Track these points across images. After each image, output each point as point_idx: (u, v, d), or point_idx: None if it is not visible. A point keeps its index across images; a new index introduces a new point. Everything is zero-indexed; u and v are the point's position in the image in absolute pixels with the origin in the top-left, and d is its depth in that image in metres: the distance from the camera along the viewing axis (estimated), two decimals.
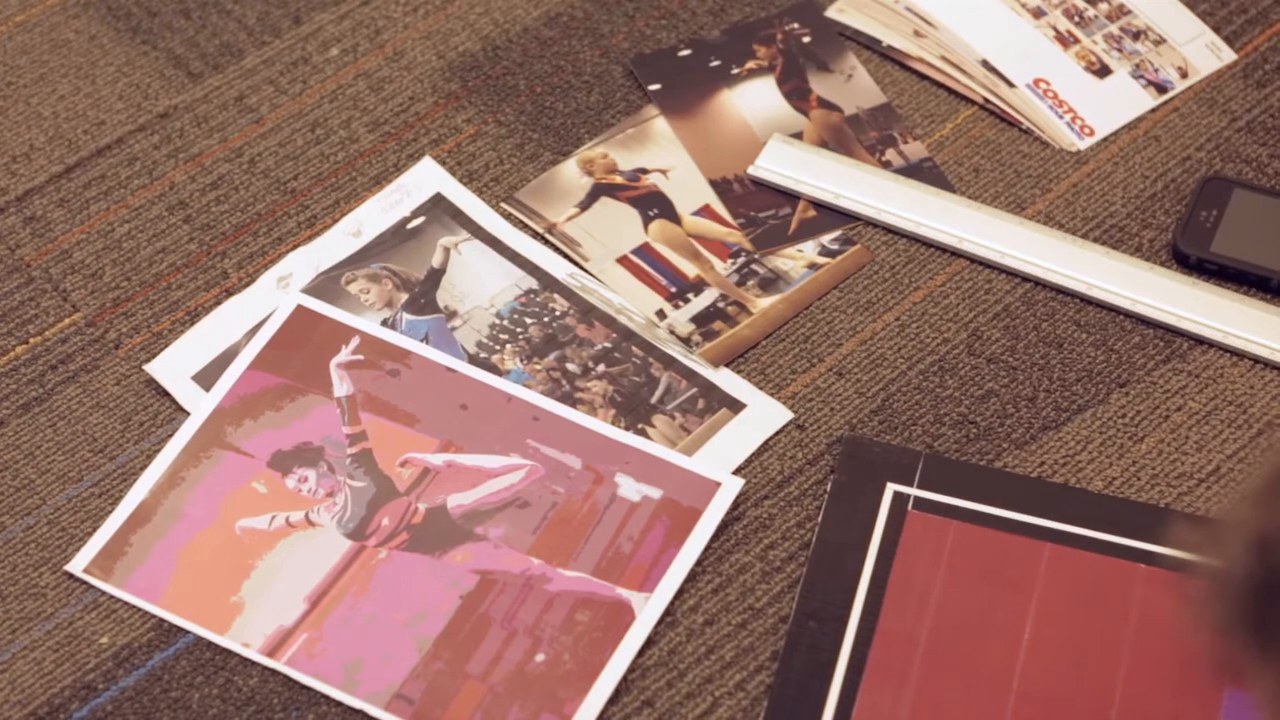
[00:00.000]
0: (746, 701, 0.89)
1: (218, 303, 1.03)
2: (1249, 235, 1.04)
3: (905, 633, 0.91)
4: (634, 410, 1.00)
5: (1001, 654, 0.90)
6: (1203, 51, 1.13)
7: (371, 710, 0.88)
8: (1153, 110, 1.11)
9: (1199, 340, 1.01)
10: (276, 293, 1.03)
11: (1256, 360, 1.00)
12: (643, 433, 0.99)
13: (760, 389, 1.00)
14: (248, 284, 1.04)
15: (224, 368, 1.00)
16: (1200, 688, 0.88)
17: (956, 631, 0.91)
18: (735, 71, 1.13)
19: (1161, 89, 1.12)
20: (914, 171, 1.09)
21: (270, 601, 0.92)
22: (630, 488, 0.96)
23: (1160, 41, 1.14)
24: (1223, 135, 1.09)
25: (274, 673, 0.89)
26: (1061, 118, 1.11)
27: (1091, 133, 1.10)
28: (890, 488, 0.96)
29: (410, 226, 1.07)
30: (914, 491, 0.96)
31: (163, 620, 0.91)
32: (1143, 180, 1.07)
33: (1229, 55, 1.13)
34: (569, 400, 1.00)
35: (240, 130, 1.10)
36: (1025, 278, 1.04)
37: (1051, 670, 0.89)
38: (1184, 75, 1.12)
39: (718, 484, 0.96)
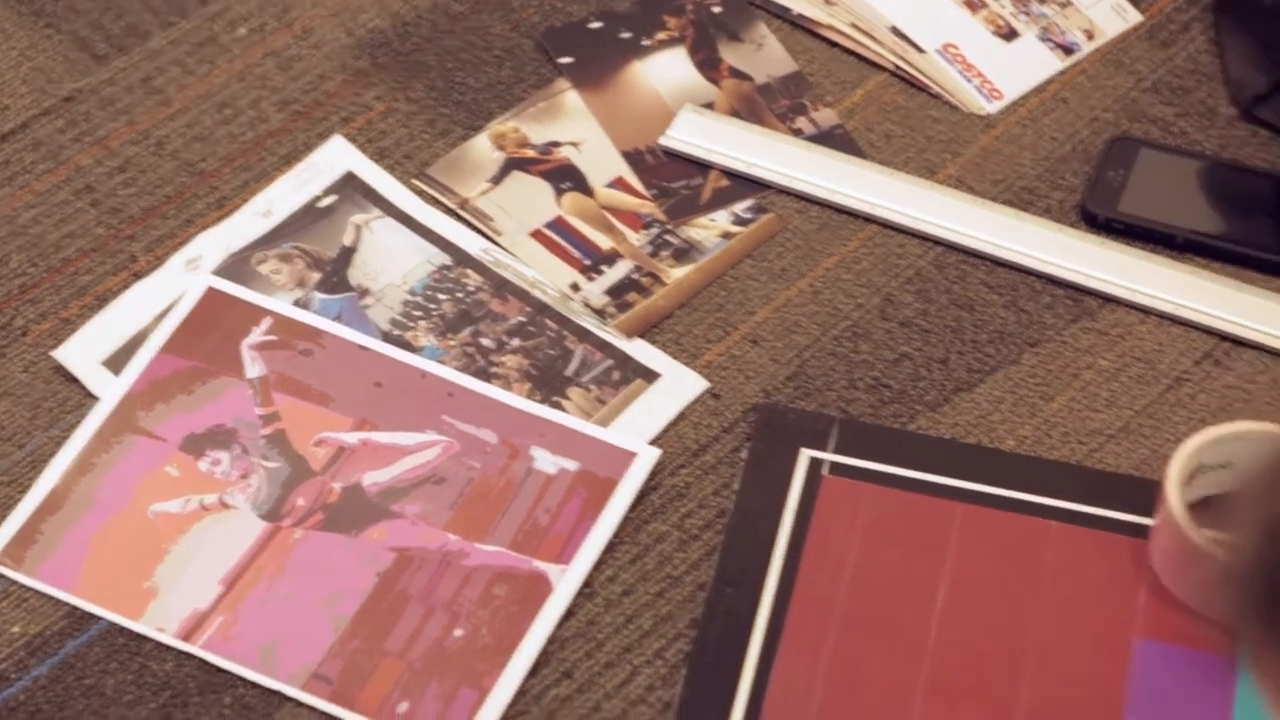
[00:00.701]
0: (665, 669, 0.90)
1: (126, 287, 1.02)
2: (1155, 194, 1.05)
3: (821, 597, 0.91)
4: (549, 383, 1.00)
5: (917, 615, 0.90)
6: (1108, 13, 1.14)
7: (289, 691, 0.88)
8: (1060, 73, 1.11)
9: (1108, 299, 1.02)
10: (186, 275, 1.03)
11: (1164, 317, 1.01)
12: (558, 405, 0.99)
13: (675, 359, 1.00)
14: (157, 267, 1.03)
15: (134, 352, 0.99)
16: (1111, 639, 0.89)
17: (872, 594, 0.91)
18: (646, 43, 1.13)
19: (1068, 51, 1.12)
20: (825, 139, 1.09)
21: (185, 585, 0.91)
22: (546, 460, 0.96)
23: (1066, 4, 1.15)
24: (1129, 96, 1.10)
25: (189, 656, 0.89)
26: (970, 82, 1.11)
27: (1000, 96, 1.10)
28: (805, 454, 0.96)
29: (321, 205, 1.06)
30: (829, 456, 0.96)
31: (76, 608, 0.90)
32: (1051, 142, 1.08)
33: (1134, 16, 1.14)
34: (484, 375, 1.00)
35: (147, 112, 1.09)
36: (937, 242, 1.04)
37: (966, 629, 0.90)
38: (1090, 37, 1.13)
39: (634, 454, 0.96)
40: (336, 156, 1.08)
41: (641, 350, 1.01)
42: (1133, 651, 0.88)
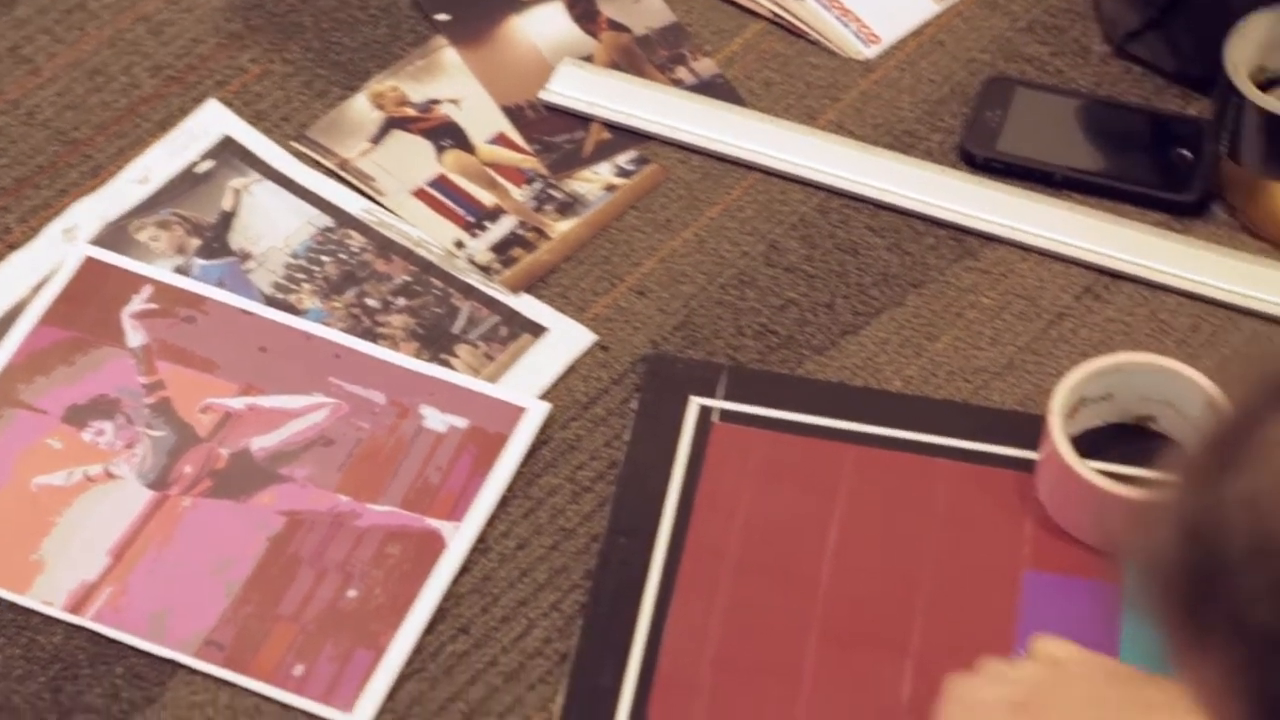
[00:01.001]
0: (561, 621, 0.90)
1: (1, 259, 1.00)
2: (1032, 133, 1.05)
3: (715, 543, 0.92)
4: (436, 341, 0.99)
5: (809, 558, 0.91)
6: None
7: (181, 659, 0.87)
8: (936, 16, 1.12)
9: (989, 238, 1.02)
10: (63, 245, 1.01)
11: (1044, 253, 1.02)
12: (446, 363, 0.98)
13: (562, 312, 1.00)
14: (32, 238, 1.01)
15: (11, 324, 0.98)
16: (1001, 572, 0.90)
17: (765, 538, 0.92)
18: None
19: None
20: (705, 88, 1.09)
21: (72, 558, 0.90)
22: (436, 419, 0.96)
23: None
24: (1004, 36, 1.10)
25: (79, 629, 0.88)
26: (848, 27, 1.11)
27: (878, 40, 1.11)
28: (695, 402, 0.96)
29: (199, 171, 1.05)
30: (718, 404, 0.96)
31: None
32: (929, 85, 1.09)
33: None
34: (370, 336, 0.99)
35: (16, 81, 1.07)
36: (819, 187, 1.05)
37: (858, 569, 0.90)
38: None
39: (523, 409, 0.96)
40: (212, 121, 1.07)
41: (528, 305, 1.01)
42: (1022, 583, 0.89)
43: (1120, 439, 0.93)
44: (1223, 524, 0.49)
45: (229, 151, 1.06)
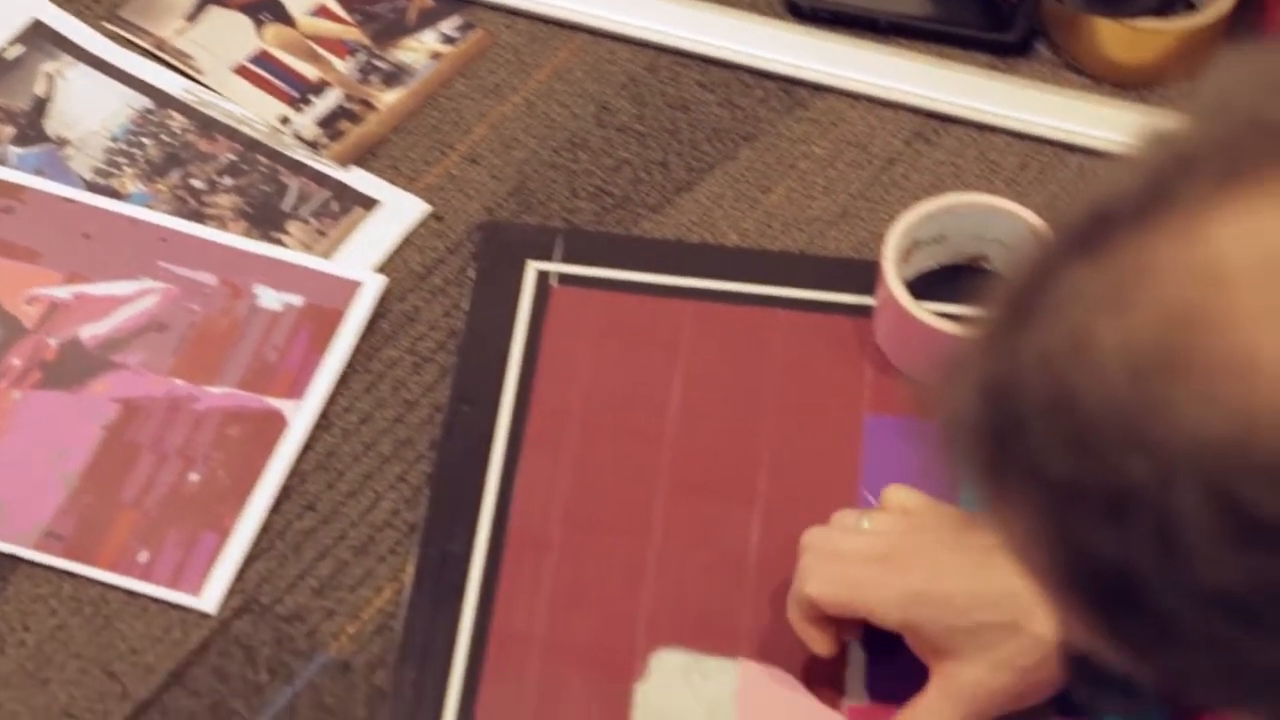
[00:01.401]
0: (408, 492, 0.89)
1: None
2: None
3: (559, 406, 0.91)
4: (266, 220, 0.97)
5: (654, 414, 0.91)
6: None
7: (21, 552, 0.86)
8: None
9: (818, 87, 1.02)
10: None
11: (873, 101, 1.02)
12: (278, 241, 0.97)
13: (394, 184, 0.99)
14: None
15: None
16: (843, 418, 0.90)
17: (609, 398, 0.92)
18: None
19: None
20: None
21: None
22: (270, 298, 0.94)
23: None
24: None
25: None
26: None
27: None
28: (532, 267, 0.96)
29: (8, 57, 1.01)
30: (556, 268, 0.96)
31: None
32: None
33: None
34: (197, 217, 0.97)
35: None
36: (647, 45, 1.04)
37: (703, 424, 0.91)
38: None
39: (359, 283, 0.95)
40: (19, 4, 1.03)
41: (358, 178, 0.99)
42: (864, 427, 0.90)
43: (954, 280, 0.94)
44: (1017, 381, 0.50)
45: (39, 35, 1.02)
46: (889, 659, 0.82)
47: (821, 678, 0.83)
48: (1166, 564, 0.48)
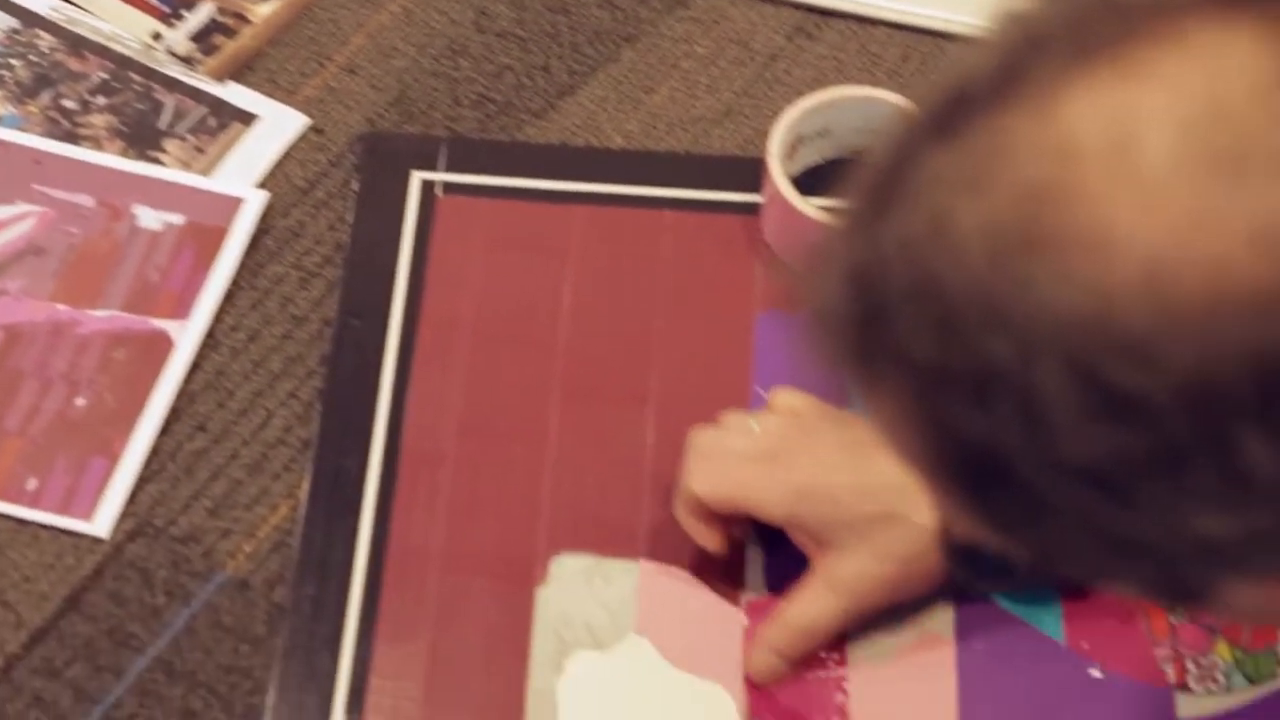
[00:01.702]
0: (300, 408, 0.88)
1: None
2: None
3: (449, 316, 0.91)
4: (143, 139, 0.96)
5: (545, 320, 0.91)
6: None
7: None
8: None
9: None
10: None
11: None
12: (155, 160, 0.95)
13: (271, 98, 0.97)
14: None
15: None
16: (733, 316, 0.90)
17: (500, 306, 0.91)
18: None
19: None
20: None
21: None
22: (150, 218, 0.93)
23: None
24: None
25: None
26: None
27: None
28: (416, 177, 0.95)
29: None
30: (441, 177, 0.95)
31: None
32: None
33: None
34: (71, 138, 0.95)
35: None
36: None
37: (594, 328, 0.91)
38: None
39: (241, 200, 0.94)
40: None
41: (235, 93, 0.98)
42: (755, 324, 0.91)
43: (840, 174, 0.93)
44: (881, 267, 0.50)
45: None
46: (787, 554, 0.83)
47: (720, 574, 0.84)
48: (1031, 441, 0.48)
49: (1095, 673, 0.81)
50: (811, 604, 0.80)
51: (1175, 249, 0.46)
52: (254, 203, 0.94)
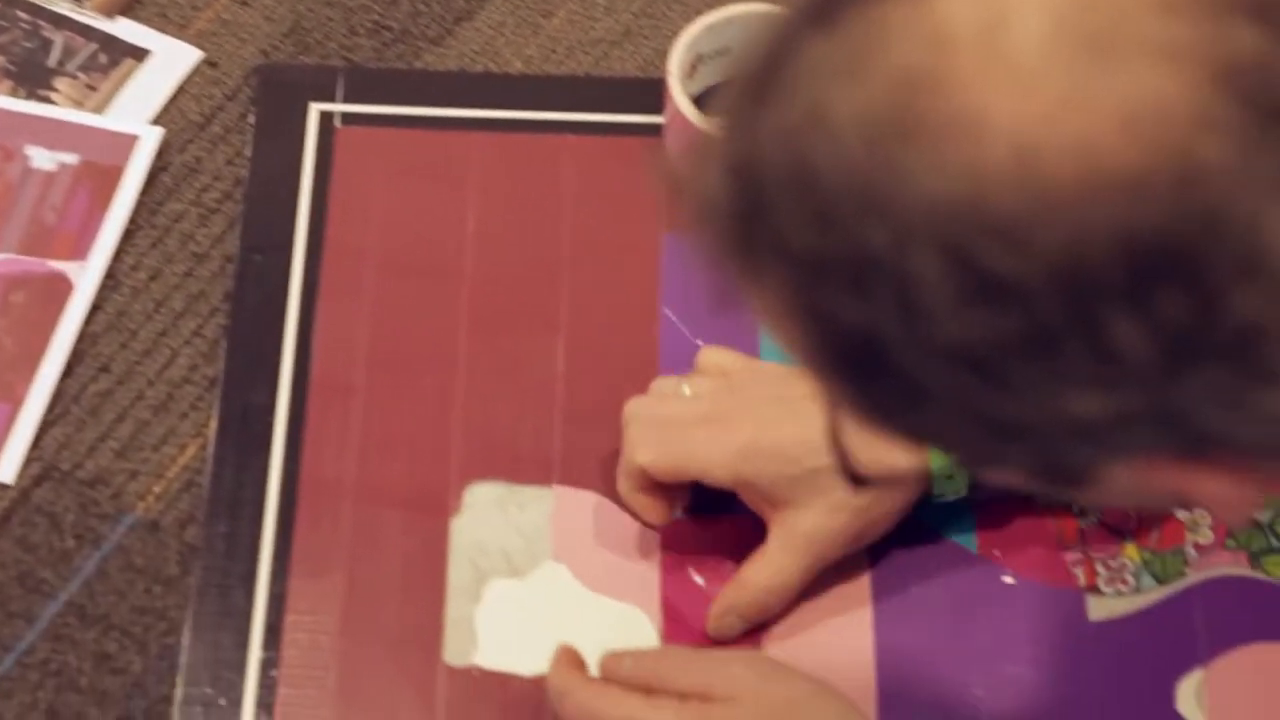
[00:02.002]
0: (205, 346, 0.87)
1: None
2: None
3: (354, 248, 0.90)
4: (32, 78, 0.94)
5: (451, 249, 0.90)
6: None
7: None
8: None
9: None
10: None
11: None
12: (46, 99, 0.93)
13: (163, 32, 0.95)
14: None
15: None
16: (640, 238, 0.90)
17: (404, 237, 0.90)
18: None
19: None
20: None
21: None
22: (43, 158, 0.91)
23: None
24: None
25: None
26: None
27: None
28: (314, 108, 0.94)
29: None
30: (339, 108, 0.94)
31: None
32: None
33: None
34: None
35: None
36: None
37: (501, 255, 0.90)
38: None
39: (136, 137, 0.92)
40: None
41: (126, 29, 0.96)
42: (661, 246, 0.90)
43: None
44: (760, 159, 0.50)
45: None
46: None
47: None
48: (908, 327, 0.49)
49: (1008, 579, 0.82)
50: (771, 564, 0.79)
51: (1046, 133, 0.46)
52: (149, 140, 0.92)
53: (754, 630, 0.80)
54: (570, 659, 0.76)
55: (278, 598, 0.81)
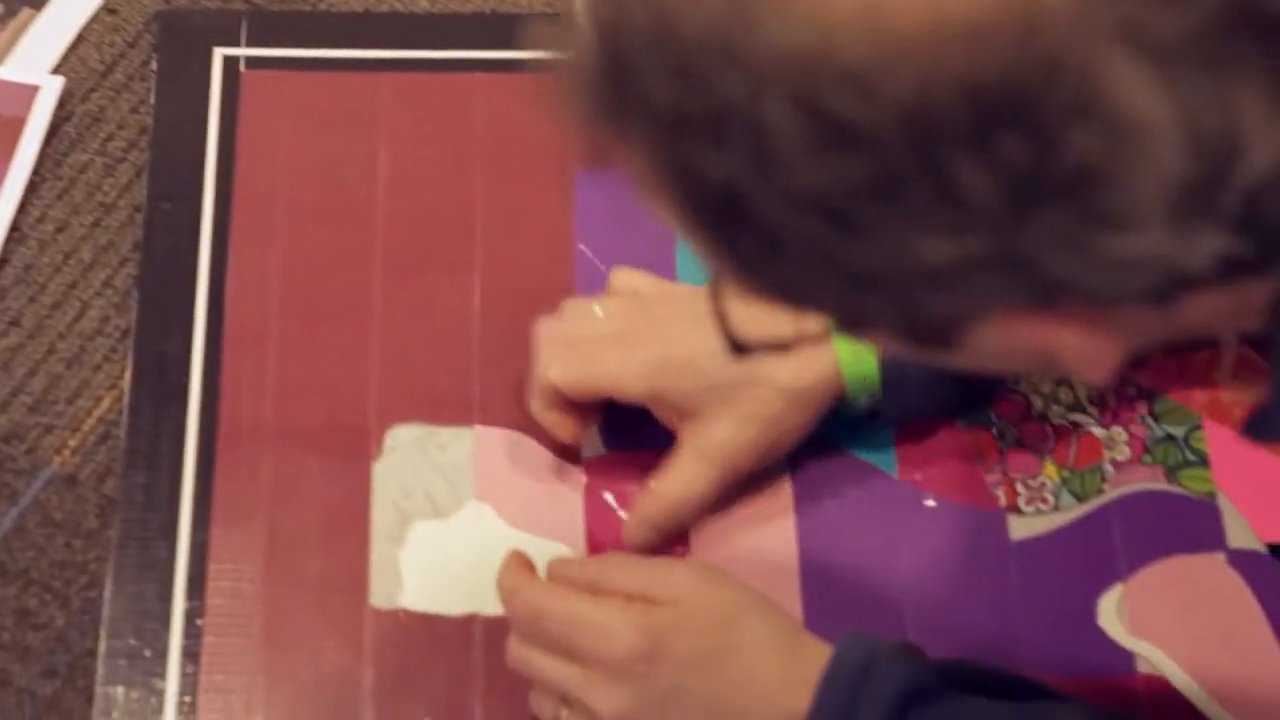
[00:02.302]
0: (116, 297, 0.86)
1: None
2: None
3: (264, 193, 0.89)
4: None
5: (362, 192, 0.89)
6: None
7: None
8: None
9: None
10: None
11: None
12: None
13: None
14: None
15: None
16: (553, 176, 0.90)
17: (315, 180, 0.90)
18: None
19: None
20: None
21: None
22: None
23: None
24: None
25: None
26: None
27: None
28: (219, 53, 0.92)
29: None
30: (244, 52, 0.93)
31: None
32: None
33: None
34: None
35: None
36: None
37: (413, 196, 0.89)
38: None
39: (36, 87, 0.91)
40: None
41: None
42: (575, 184, 0.90)
43: None
44: (622, 17, 0.51)
45: None
46: (622, 411, 0.83)
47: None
48: (763, 175, 0.50)
49: (929, 502, 0.83)
50: (682, 475, 0.80)
51: None
52: (50, 90, 0.91)
53: (674, 543, 0.81)
54: (520, 561, 0.76)
55: (200, 547, 0.80)
